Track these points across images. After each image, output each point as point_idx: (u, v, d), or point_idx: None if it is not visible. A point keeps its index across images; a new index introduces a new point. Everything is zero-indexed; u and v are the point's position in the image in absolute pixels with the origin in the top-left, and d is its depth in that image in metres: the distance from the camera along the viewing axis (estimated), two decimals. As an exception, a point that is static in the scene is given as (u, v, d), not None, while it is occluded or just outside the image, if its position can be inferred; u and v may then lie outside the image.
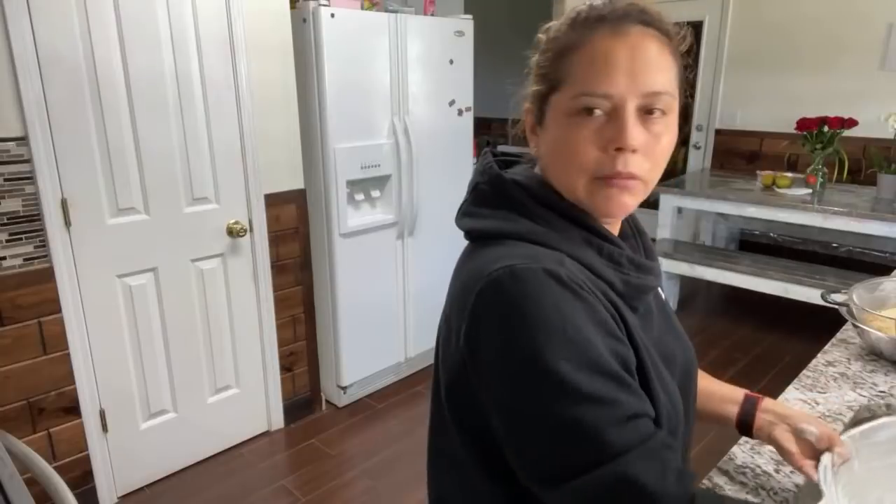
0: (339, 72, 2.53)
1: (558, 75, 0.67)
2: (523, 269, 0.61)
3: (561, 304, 0.60)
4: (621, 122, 0.64)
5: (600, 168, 0.66)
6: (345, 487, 2.36)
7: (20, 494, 1.29)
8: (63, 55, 1.90)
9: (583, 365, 0.57)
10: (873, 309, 1.31)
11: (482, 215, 0.73)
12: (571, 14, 0.69)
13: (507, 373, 0.59)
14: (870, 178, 3.70)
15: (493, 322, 0.61)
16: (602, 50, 0.65)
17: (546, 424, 0.57)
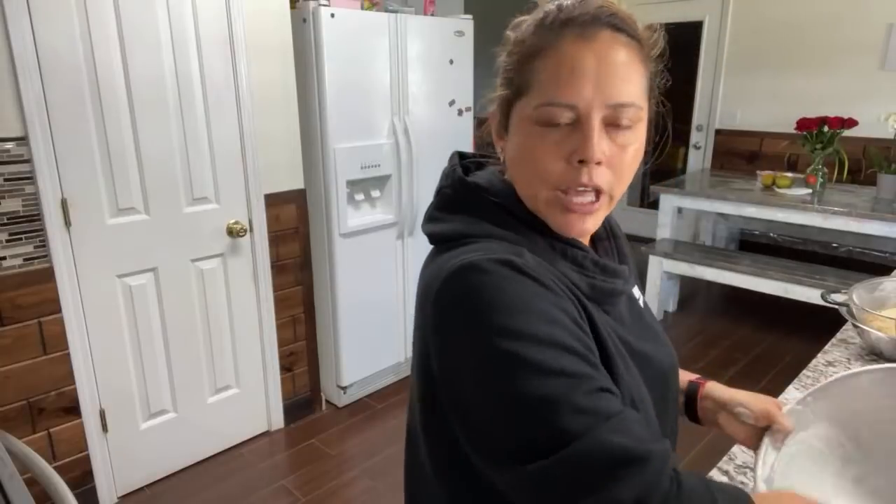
0: (339, 72, 2.53)
1: (523, 80, 0.66)
2: (481, 259, 0.61)
3: (520, 288, 0.60)
4: (586, 134, 0.62)
5: (563, 181, 0.64)
6: (345, 487, 2.36)
7: (20, 494, 1.29)
8: (63, 55, 1.90)
9: (546, 343, 0.57)
10: (873, 309, 1.31)
11: (444, 220, 0.72)
12: (539, 14, 0.66)
13: (472, 356, 0.59)
14: (870, 178, 3.70)
15: (453, 312, 0.61)
16: (568, 56, 0.62)
17: (516, 403, 0.56)
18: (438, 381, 0.64)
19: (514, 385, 0.56)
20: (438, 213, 0.74)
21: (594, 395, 0.57)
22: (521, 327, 0.57)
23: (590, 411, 0.55)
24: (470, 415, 0.60)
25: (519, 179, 0.69)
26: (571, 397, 0.55)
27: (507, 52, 0.69)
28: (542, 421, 0.55)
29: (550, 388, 0.55)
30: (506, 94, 0.68)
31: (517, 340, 0.57)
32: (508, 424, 0.57)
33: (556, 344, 0.58)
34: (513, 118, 0.68)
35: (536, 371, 0.56)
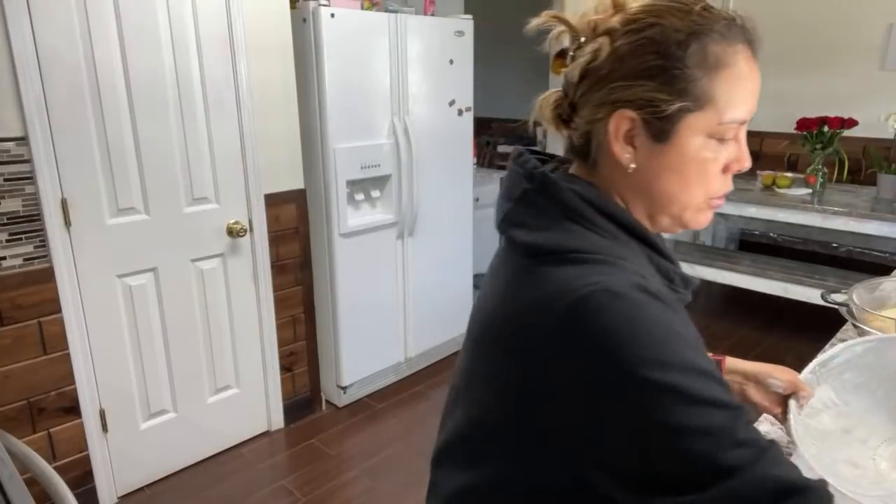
0: (339, 72, 2.53)
1: (703, 93, 0.63)
2: (617, 284, 0.59)
3: (662, 316, 0.58)
4: (743, 146, 0.66)
5: (718, 190, 0.68)
6: (345, 487, 2.36)
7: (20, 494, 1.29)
8: (63, 55, 1.90)
9: (699, 373, 0.56)
10: (873, 309, 1.31)
11: (540, 227, 0.67)
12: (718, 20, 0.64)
13: (625, 393, 0.56)
14: (870, 178, 3.70)
15: (590, 345, 0.57)
16: (746, 74, 0.64)
17: (683, 435, 0.54)
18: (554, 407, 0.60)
19: (673, 417, 0.54)
20: (528, 219, 0.68)
21: (751, 427, 0.57)
22: (674, 358, 0.56)
23: (750, 443, 0.55)
24: (612, 446, 0.58)
25: (672, 188, 0.67)
26: (732, 429, 0.55)
27: (679, 58, 0.63)
28: (704, 453, 0.54)
29: (711, 419, 0.55)
30: (680, 105, 0.63)
31: (671, 371, 0.55)
32: (666, 457, 0.55)
33: (705, 373, 0.57)
34: (680, 128, 0.64)
35: (696, 402, 0.55)
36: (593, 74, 0.66)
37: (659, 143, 0.65)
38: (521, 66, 6.45)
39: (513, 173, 0.72)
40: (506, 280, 0.69)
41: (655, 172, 0.67)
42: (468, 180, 3.26)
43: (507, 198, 0.72)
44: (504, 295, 0.68)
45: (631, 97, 0.64)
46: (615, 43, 0.65)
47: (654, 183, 0.68)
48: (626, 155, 0.67)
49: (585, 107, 0.68)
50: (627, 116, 0.65)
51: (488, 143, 6.25)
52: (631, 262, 0.65)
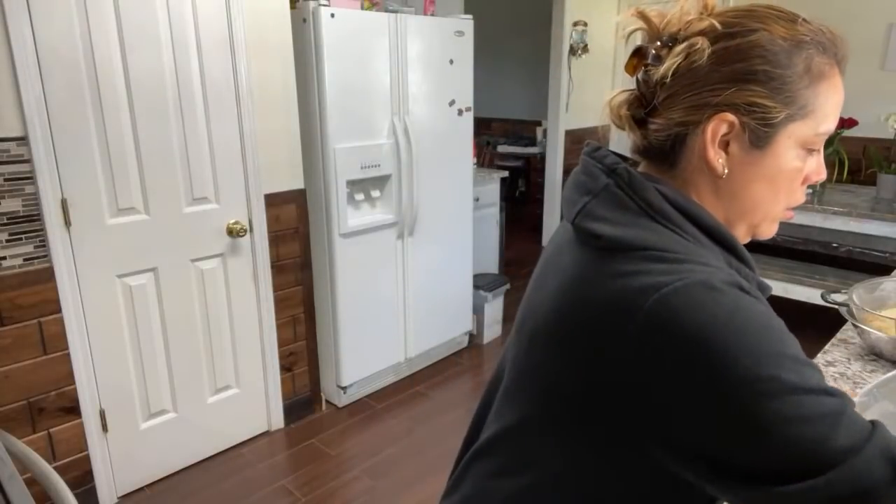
0: (339, 72, 2.53)
1: (807, 102, 0.64)
2: (710, 278, 0.58)
3: (756, 309, 0.58)
4: (821, 159, 0.68)
5: (798, 200, 0.70)
6: (345, 487, 2.36)
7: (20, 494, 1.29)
8: (63, 55, 1.90)
9: (800, 362, 0.57)
10: (873, 309, 1.31)
11: (619, 222, 0.64)
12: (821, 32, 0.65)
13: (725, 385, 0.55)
14: (870, 178, 3.70)
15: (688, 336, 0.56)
16: (839, 88, 0.66)
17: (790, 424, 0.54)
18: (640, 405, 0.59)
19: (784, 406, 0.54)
20: (609, 213, 0.66)
21: (853, 412, 0.57)
22: (776, 348, 0.56)
23: (859, 424, 0.56)
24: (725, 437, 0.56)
25: (760, 196, 0.68)
26: (841, 413, 0.55)
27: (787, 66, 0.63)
28: (818, 439, 0.54)
29: (820, 406, 0.55)
30: (786, 113, 0.63)
31: (775, 363, 0.55)
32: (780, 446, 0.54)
33: (807, 363, 0.57)
34: (780, 136, 0.65)
35: (804, 391, 0.55)
36: (688, 75, 0.64)
37: (756, 150, 0.65)
38: (520, 66, 6.45)
39: (589, 167, 0.70)
40: (574, 275, 0.66)
41: (746, 180, 0.67)
42: (468, 180, 3.26)
43: (583, 191, 0.69)
44: (576, 291, 0.65)
45: (735, 100, 0.63)
46: (715, 44, 0.63)
47: (742, 190, 0.67)
48: (720, 160, 0.65)
49: (674, 108, 0.66)
50: (728, 120, 0.64)
51: (488, 143, 6.26)
52: (714, 264, 0.63)
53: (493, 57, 6.34)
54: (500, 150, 6.23)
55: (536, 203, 5.74)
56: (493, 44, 6.28)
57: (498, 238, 4.06)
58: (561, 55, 4.82)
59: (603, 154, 0.70)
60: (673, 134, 0.67)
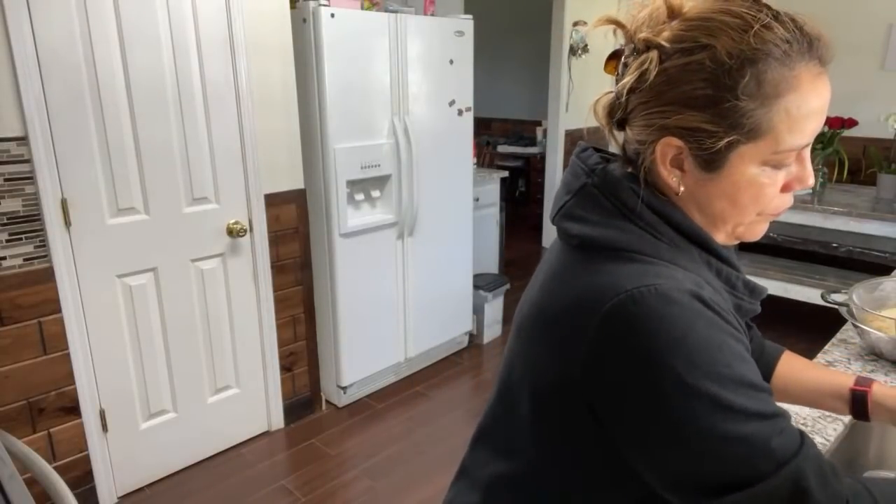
0: (339, 72, 2.53)
1: (758, 125, 0.59)
2: (671, 289, 0.58)
3: (712, 326, 0.58)
4: (806, 164, 0.64)
5: (776, 208, 0.66)
6: (345, 487, 2.36)
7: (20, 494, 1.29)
8: (63, 55, 1.90)
9: (742, 384, 0.57)
10: (873, 309, 1.31)
11: (594, 222, 0.66)
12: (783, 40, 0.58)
13: (662, 396, 0.57)
14: (870, 178, 3.70)
15: (637, 345, 0.57)
16: (810, 97, 0.60)
17: (713, 444, 0.56)
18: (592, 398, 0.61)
19: (715, 426, 0.56)
20: (583, 212, 0.67)
21: (783, 435, 0.58)
22: (718, 368, 0.57)
23: (780, 452, 0.57)
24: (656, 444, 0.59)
25: (722, 210, 0.66)
26: (767, 440, 0.56)
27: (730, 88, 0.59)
28: (739, 461, 0.56)
29: (750, 430, 0.56)
30: (730, 140, 0.60)
31: (716, 381, 0.56)
32: (702, 460, 0.57)
33: (750, 384, 0.58)
34: (732, 159, 0.62)
35: (737, 413, 0.56)
36: (641, 94, 0.63)
37: (709, 173, 0.63)
38: (521, 66, 6.45)
39: (574, 167, 0.71)
40: (554, 272, 0.69)
41: (706, 196, 0.65)
42: (468, 180, 3.26)
43: (565, 191, 0.70)
44: (551, 286, 0.68)
45: (678, 124, 0.61)
46: (664, 63, 0.61)
47: (705, 204, 0.66)
48: (673, 179, 0.65)
49: (633, 124, 0.66)
50: (674, 144, 0.63)
51: (488, 143, 6.26)
52: (688, 267, 0.64)
53: (493, 57, 6.34)
54: (500, 150, 6.23)
55: (536, 203, 5.74)
56: (493, 44, 6.28)
57: (498, 238, 4.06)
58: (561, 55, 4.82)
59: (588, 155, 0.71)
60: (636, 149, 0.67)
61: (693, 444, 0.57)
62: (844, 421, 1.07)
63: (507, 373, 0.74)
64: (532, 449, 0.70)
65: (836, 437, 1.03)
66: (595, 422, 0.62)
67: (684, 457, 0.58)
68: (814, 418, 1.07)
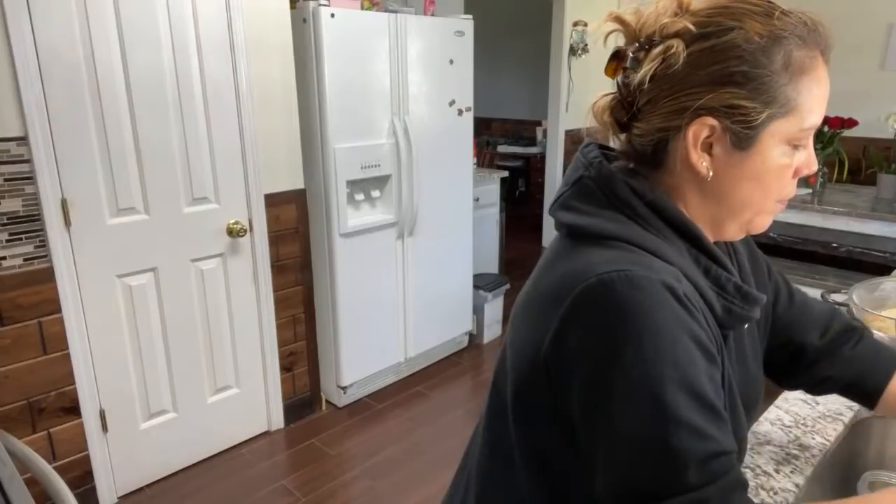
0: (339, 72, 2.53)
1: (789, 99, 0.62)
2: (642, 276, 0.58)
3: (674, 321, 0.57)
4: (811, 151, 0.66)
5: (789, 194, 0.68)
6: (345, 487, 2.36)
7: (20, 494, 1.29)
8: (63, 55, 1.89)
9: (687, 391, 0.56)
10: (873, 309, 1.31)
11: (585, 211, 0.67)
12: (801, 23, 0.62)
13: (605, 380, 0.57)
14: (870, 178, 3.70)
15: (596, 326, 0.58)
16: (823, 80, 0.64)
17: (636, 440, 0.55)
18: (552, 374, 0.62)
19: (643, 422, 0.55)
20: (577, 203, 0.68)
21: (715, 460, 0.55)
22: (666, 365, 0.56)
23: (708, 473, 0.55)
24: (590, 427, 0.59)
25: (747, 195, 0.66)
26: (695, 455, 0.55)
27: (765, 64, 0.61)
28: (655, 468, 0.55)
29: (676, 440, 0.55)
30: (768, 112, 0.62)
31: (657, 378, 0.55)
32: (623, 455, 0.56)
33: (694, 393, 0.56)
34: (763, 136, 0.63)
35: (669, 418, 0.55)
36: (666, 79, 0.63)
37: (740, 151, 0.64)
38: (521, 66, 6.45)
39: (576, 161, 0.72)
40: (545, 260, 0.71)
41: (733, 180, 0.66)
42: (468, 180, 3.26)
43: (564, 183, 0.72)
44: (541, 272, 0.70)
45: (714, 104, 0.62)
46: (690, 47, 0.62)
47: (729, 190, 0.66)
48: (703, 163, 0.65)
49: (654, 113, 0.65)
50: (709, 124, 0.63)
51: (488, 143, 6.26)
52: (673, 260, 0.63)
53: (493, 57, 6.34)
54: (500, 150, 6.23)
55: (536, 203, 5.74)
56: (493, 44, 6.28)
57: (498, 238, 4.06)
58: (561, 55, 4.82)
59: (589, 150, 0.72)
60: (655, 139, 0.66)
61: (621, 435, 0.56)
62: (844, 421, 1.07)
63: (500, 362, 0.75)
64: (513, 438, 0.70)
65: (837, 437, 1.03)
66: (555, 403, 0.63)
67: (612, 447, 0.57)
68: (814, 418, 1.07)
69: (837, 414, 1.09)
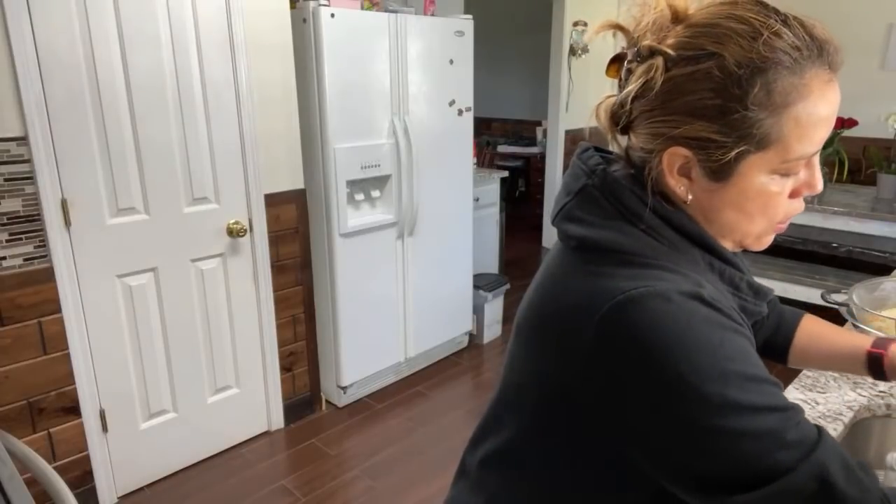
0: (339, 72, 2.53)
1: (765, 134, 0.58)
2: (666, 290, 0.57)
3: (710, 323, 0.57)
4: (814, 170, 0.63)
5: (786, 216, 0.65)
6: (345, 487, 2.36)
7: (20, 494, 1.29)
8: (63, 55, 1.89)
9: (748, 379, 0.56)
10: (873, 309, 1.31)
11: (593, 223, 0.65)
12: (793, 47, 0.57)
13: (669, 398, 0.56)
14: (870, 178, 3.70)
15: (638, 346, 0.56)
16: (819, 105, 0.58)
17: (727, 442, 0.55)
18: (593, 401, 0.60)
19: (726, 424, 0.55)
20: (583, 214, 0.66)
21: (799, 427, 0.56)
22: (721, 365, 0.56)
23: (796, 444, 0.55)
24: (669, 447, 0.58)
25: (733, 220, 0.65)
26: (782, 433, 0.55)
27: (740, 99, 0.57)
28: (752, 456, 0.55)
29: (757, 424, 0.55)
30: (740, 150, 0.59)
31: (720, 379, 0.55)
32: (719, 459, 0.56)
33: (755, 378, 0.57)
34: (741, 168, 0.60)
35: (746, 409, 0.55)
36: (646, 102, 0.62)
37: (717, 182, 0.62)
38: (521, 66, 6.45)
39: (575, 168, 0.70)
40: (552, 273, 0.69)
41: (714, 206, 0.64)
42: (468, 180, 3.26)
43: (565, 192, 0.70)
44: (549, 288, 0.68)
45: (685, 134, 0.60)
46: (670, 70, 0.59)
47: (712, 215, 0.65)
48: (681, 188, 0.64)
49: (638, 132, 0.65)
50: (682, 154, 0.62)
51: (488, 143, 6.26)
52: (688, 269, 0.63)
53: (493, 57, 6.34)
54: (500, 150, 6.23)
55: (536, 203, 5.74)
56: (493, 44, 6.28)
57: (498, 238, 4.06)
58: (561, 55, 4.82)
59: (589, 155, 0.70)
60: (643, 155, 0.65)
61: (705, 444, 0.56)
62: (844, 421, 1.07)
63: (508, 374, 0.74)
64: (531, 451, 0.70)
65: (837, 437, 1.03)
66: (594, 426, 0.62)
67: (698, 457, 0.56)
68: (813, 418, 1.07)
69: (837, 414, 1.09)
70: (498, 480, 0.76)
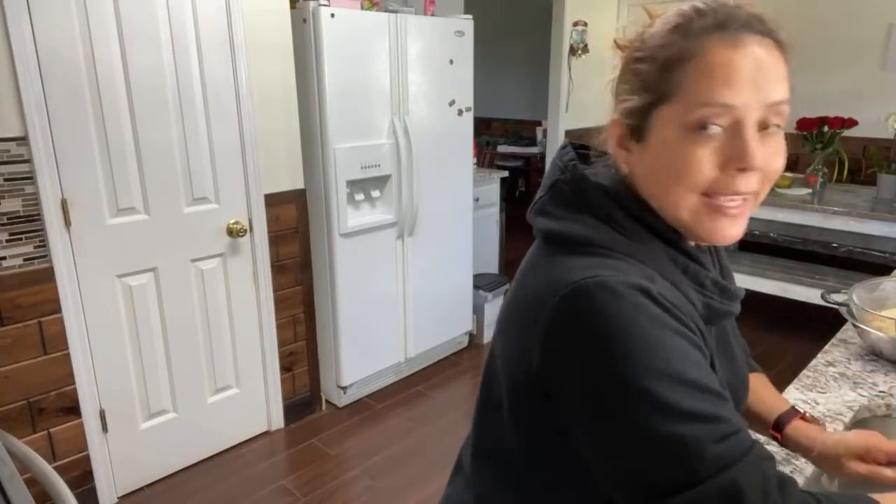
0: (339, 72, 2.53)
1: (668, 85, 0.62)
2: (615, 281, 0.58)
3: (653, 320, 0.57)
4: (745, 139, 0.60)
5: (716, 188, 0.62)
6: (345, 487, 2.36)
7: (20, 494, 1.29)
8: (63, 55, 1.90)
9: (682, 382, 0.56)
10: (873, 309, 1.31)
11: (560, 217, 0.68)
12: (677, 20, 0.63)
13: (600, 389, 0.57)
14: (870, 178, 3.70)
15: (581, 335, 0.58)
16: (722, 61, 0.60)
17: (646, 442, 0.55)
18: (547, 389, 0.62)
19: (648, 423, 0.55)
20: (552, 208, 0.70)
21: (725, 442, 0.55)
22: (656, 363, 0.56)
23: (716, 458, 0.54)
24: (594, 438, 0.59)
25: (657, 188, 0.66)
26: (702, 443, 0.54)
27: (638, 59, 0.65)
28: (674, 462, 0.54)
29: (685, 430, 0.54)
30: (642, 102, 0.64)
31: (652, 377, 0.55)
32: (638, 459, 0.56)
33: (689, 382, 0.56)
34: (654, 125, 0.64)
35: (671, 412, 0.54)
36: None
37: (640, 143, 0.66)
38: (521, 66, 6.45)
39: (553, 165, 0.74)
40: (525, 266, 0.72)
41: (644, 174, 0.67)
42: (468, 180, 3.26)
43: (541, 188, 0.73)
44: (521, 280, 0.70)
45: (617, 103, 0.67)
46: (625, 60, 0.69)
47: (649, 185, 0.67)
48: (619, 158, 0.69)
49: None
50: (615, 120, 0.67)
51: (488, 143, 6.26)
52: (647, 262, 0.64)
53: (493, 57, 6.34)
54: (500, 150, 6.23)
55: (536, 203, 5.73)
56: (493, 44, 6.28)
57: (498, 238, 4.06)
58: (561, 55, 4.81)
59: (565, 152, 0.74)
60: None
61: (629, 441, 0.56)
62: (844, 421, 1.07)
63: (487, 368, 0.76)
64: (512, 444, 0.71)
65: (836, 437, 1.03)
66: (558, 420, 0.62)
67: (622, 454, 0.56)
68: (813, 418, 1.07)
69: (837, 414, 1.09)
70: (487, 478, 0.77)
